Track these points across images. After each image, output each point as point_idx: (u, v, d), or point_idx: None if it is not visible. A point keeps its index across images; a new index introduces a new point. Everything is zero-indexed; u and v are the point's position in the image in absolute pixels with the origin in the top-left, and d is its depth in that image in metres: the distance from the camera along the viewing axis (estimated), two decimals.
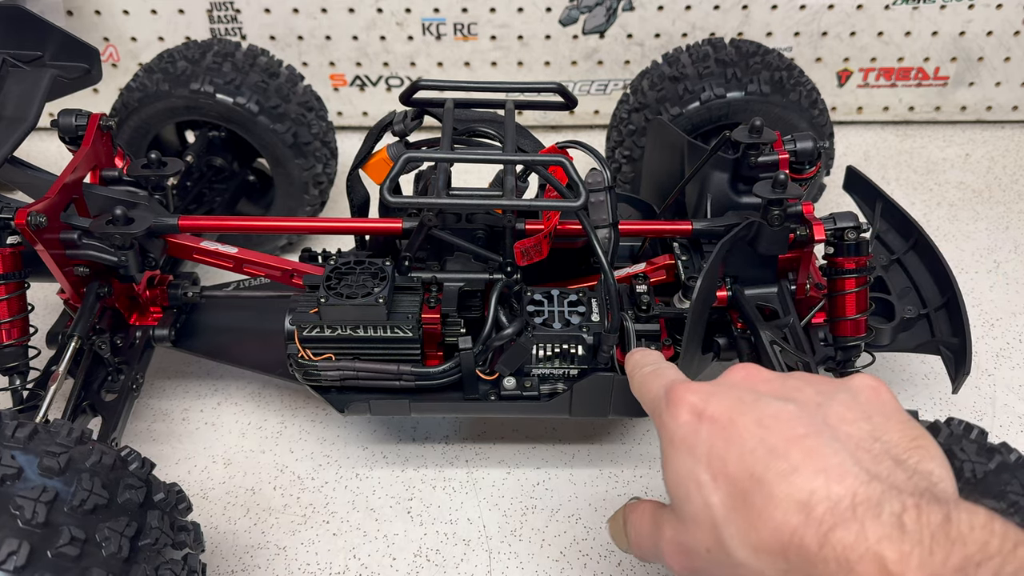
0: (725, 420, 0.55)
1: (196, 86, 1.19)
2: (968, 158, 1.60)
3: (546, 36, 1.55)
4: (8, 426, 0.69)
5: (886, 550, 0.44)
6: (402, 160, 0.85)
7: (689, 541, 0.55)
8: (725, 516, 0.52)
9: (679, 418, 0.57)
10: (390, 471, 1.04)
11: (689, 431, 0.56)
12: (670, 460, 0.57)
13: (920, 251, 1.04)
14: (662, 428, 0.59)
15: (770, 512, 0.49)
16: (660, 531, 0.59)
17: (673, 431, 0.57)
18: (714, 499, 0.53)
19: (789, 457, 0.51)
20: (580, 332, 0.89)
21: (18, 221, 0.85)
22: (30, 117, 0.97)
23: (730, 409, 0.56)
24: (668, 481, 0.58)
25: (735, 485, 0.52)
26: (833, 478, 0.49)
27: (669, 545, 0.58)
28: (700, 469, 0.54)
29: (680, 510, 0.56)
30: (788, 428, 0.53)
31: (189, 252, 1.00)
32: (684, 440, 0.56)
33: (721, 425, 0.55)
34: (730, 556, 0.52)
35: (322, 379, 0.92)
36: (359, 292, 0.88)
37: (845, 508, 0.47)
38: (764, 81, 1.19)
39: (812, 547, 0.47)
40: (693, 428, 0.56)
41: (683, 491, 0.56)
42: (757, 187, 0.92)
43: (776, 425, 0.53)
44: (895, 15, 1.53)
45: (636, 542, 0.63)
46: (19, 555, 0.60)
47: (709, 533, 0.53)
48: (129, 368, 0.99)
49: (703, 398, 0.57)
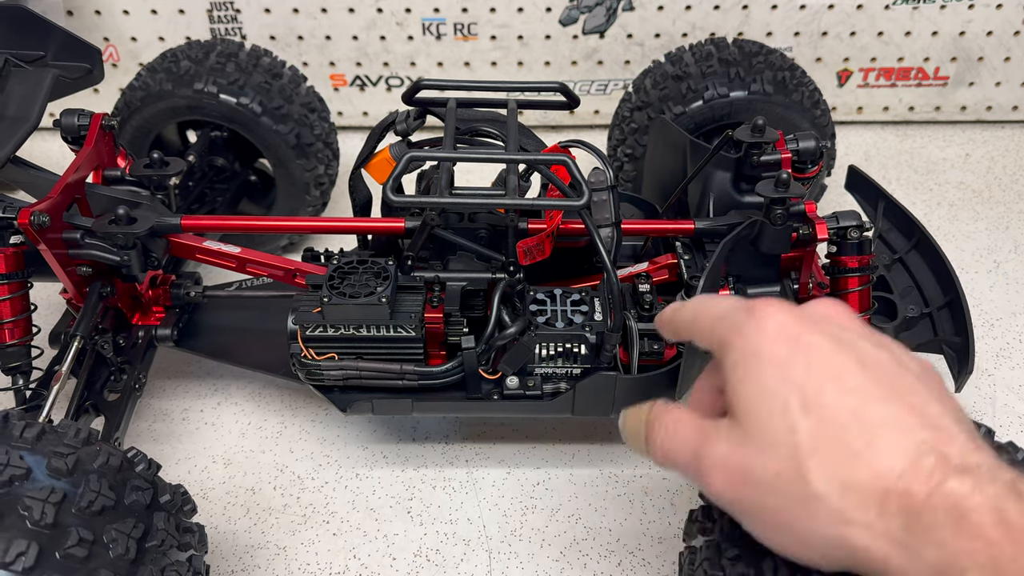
0: (824, 351, 0.53)
1: (199, 86, 1.19)
2: (968, 158, 1.60)
3: (546, 36, 1.55)
4: (16, 426, 0.69)
5: (1004, 504, 0.45)
6: (405, 160, 0.85)
7: (753, 462, 0.52)
8: (813, 446, 0.50)
9: (768, 334, 0.54)
10: (390, 471, 1.04)
11: (781, 351, 0.53)
12: (751, 375, 0.54)
13: (922, 250, 1.04)
14: (741, 339, 0.55)
15: (872, 454, 0.49)
16: (708, 445, 0.55)
17: (760, 346, 0.54)
18: (802, 426, 0.51)
19: (895, 405, 0.50)
20: (583, 331, 0.90)
21: (21, 221, 0.85)
22: (32, 117, 0.97)
23: (829, 342, 0.53)
24: (741, 398, 0.54)
25: (831, 419, 0.50)
26: (942, 438, 0.49)
27: (719, 461, 0.54)
28: (790, 392, 0.52)
29: (751, 427, 0.53)
30: (893, 377, 0.52)
31: (192, 252, 1.00)
32: (774, 359, 0.53)
33: (820, 355, 0.53)
34: (807, 487, 0.50)
35: (325, 378, 0.92)
36: (362, 292, 0.88)
37: (957, 465, 0.47)
38: (767, 81, 1.19)
39: (919, 495, 0.47)
40: (786, 350, 0.53)
41: (763, 411, 0.52)
42: (759, 186, 0.92)
43: (879, 371, 0.52)
44: (895, 15, 1.53)
45: (667, 448, 0.59)
46: (28, 556, 0.60)
47: (785, 459, 0.51)
48: (132, 368, 0.99)
49: (797, 321, 0.55)
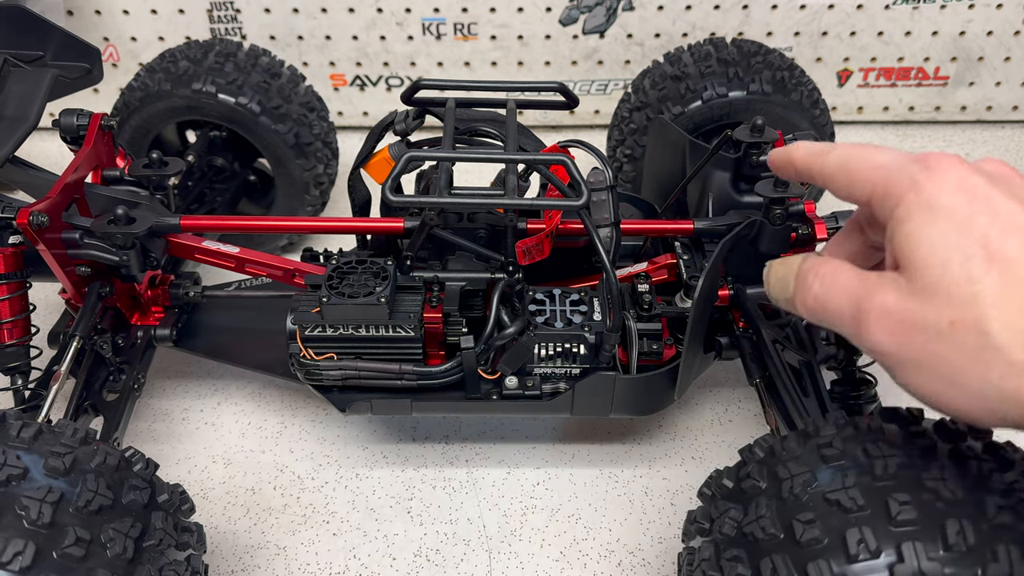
0: (1006, 206, 0.52)
1: (198, 86, 1.19)
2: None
3: (546, 36, 1.55)
4: (13, 426, 0.68)
5: None
6: (404, 159, 0.85)
7: (926, 312, 0.51)
8: (995, 297, 0.49)
9: (947, 186, 0.53)
10: (390, 471, 1.04)
11: (961, 204, 0.52)
12: (926, 226, 0.53)
13: None
14: (916, 192, 0.54)
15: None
16: (874, 294, 0.54)
17: (937, 197, 0.53)
18: (984, 277, 0.50)
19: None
20: (582, 331, 0.89)
21: (20, 221, 0.85)
22: (31, 117, 0.96)
23: (1008, 197, 0.52)
24: (914, 247, 0.53)
25: (1016, 270, 0.49)
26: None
27: (887, 312, 0.53)
28: (971, 242, 0.51)
29: (925, 278, 0.52)
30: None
31: (191, 252, 1.00)
32: (955, 212, 0.52)
33: (1002, 209, 0.52)
34: (987, 337, 0.49)
35: (324, 378, 0.92)
36: (361, 291, 0.88)
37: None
38: (766, 81, 1.19)
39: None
40: (966, 199, 0.52)
41: (937, 259, 0.51)
42: (759, 186, 0.92)
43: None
44: (895, 15, 1.53)
45: (824, 297, 0.58)
46: (25, 555, 0.60)
47: (963, 309, 0.50)
48: (130, 368, 0.99)
49: (972, 171, 0.54)
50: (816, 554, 0.58)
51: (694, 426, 1.10)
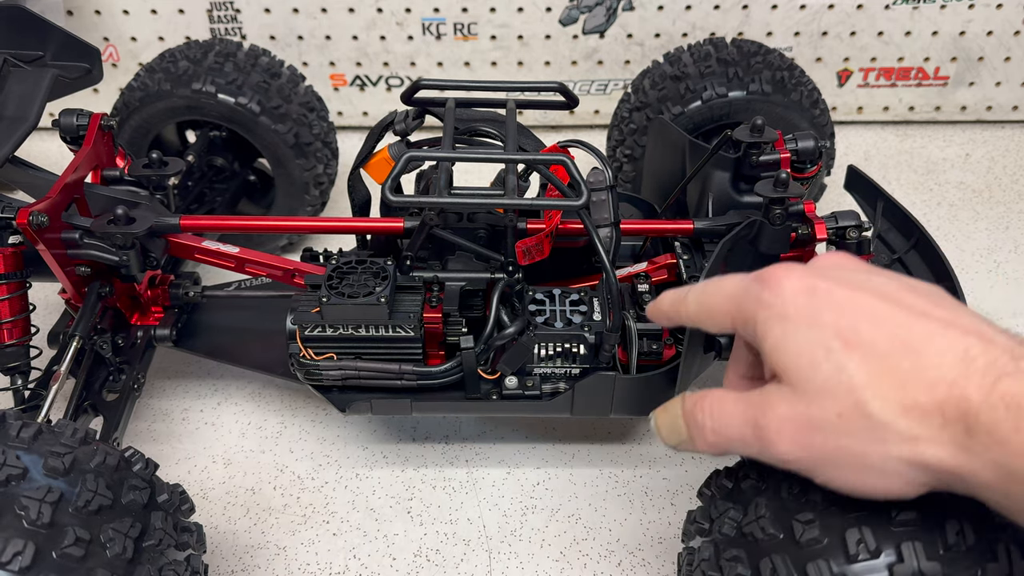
0: (844, 293, 0.55)
1: (198, 86, 1.19)
2: (968, 158, 1.60)
3: (546, 36, 1.55)
4: (13, 426, 0.68)
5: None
6: (404, 160, 0.85)
7: (814, 412, 0.54)
8: (866, 380, 0.52)
9: (787, 293, 0.56)
10: (390, 471, 1.04)
11: (803, 304, 0.56)
12: (785, 336, 0.56)
13: (921, 250, 1.04)
14: (765, 309, 0.58)
15: (922, 370, 0.50)
16: (766, 410, 0.56)
17: (784, 307, 0.56)
18: (849, 364, 0.52)
19: (930, 321, 0.52)
20: (582, 331, 0.89)
21: (20, 221, 0.85)
22: (31, 117, 0.96)
23: (844, 284, 0.56)
24: (783, 358, 0.56)
25: (873, 349, 0.52)
26: (985, 339, 0.50)
27: (782, 421, 0.55)
28: (828, 337, 0.54)
29: (802, 382, 0.54)
30: (916, 299, 0.54)
31: (190, 252, 1.00)
32: (799, 312, 0.55)
33: (841, 297, 0.55)
34: (871, 418, 0.51)
35: (324, 378, 0.92)
36: (361, 291, 0.88)
37: (1007, 363, 0.48)
38: (766, 81, 1.19)
39: (975, 397, 0.48)
40: (808, 301, 0.55)
41: (806, 362, 0.54)
42: (759, 186, 0.92)
43: (901, 297, 0.54)
44: (895, 15, 1.53)
45: (718, 429, 0.60)
46: (24, 555, 0.60)
47: (844, 399, 0.52)
48: (130, 368, 0.99)
49: (808, 274, 0.57)
50: (816, 554, 0.58)
51: None
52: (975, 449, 0.48)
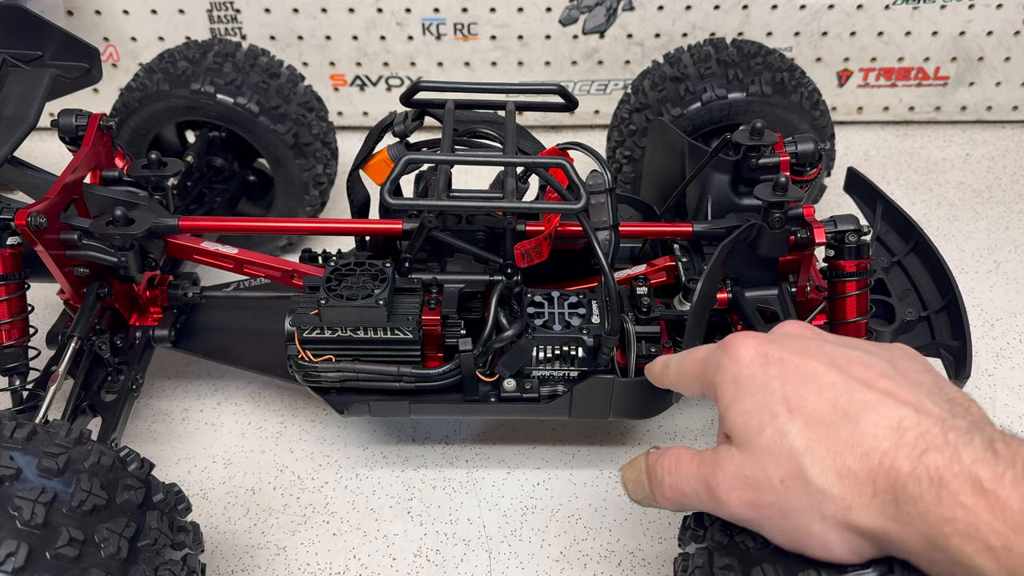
0: (795, 360, 0.57)
1: (196, 86, 1.19)
2: (968, 158, 1.60)
3: (546, 36, 1.55)
4: (7, 427, 0.68)
5: (980, 470, 0.47)
6: (402, 162, 0.85)
7: (758, 474, 0.56)
8: (805, 446, 0.54)
9: (742, 360, 0.59)
10: (390, 471, 1.04)
11: (756, 370, 0.58)
12: (736, 399, 0.59)
13: (921, 253, 1.04)
14: (722, 373, 0.61)
15: (858, 439, 0.52)
16: (715, 470, 0.59)
17: (738, 372, 0.59)
18: (791, 429, 0.55)
19: (871, 391, 0.54)
20: (580, 334, 0.89)
21: (18, 222, 0.85)
22: (30, 117, 0.96)
23: (797, 351, 0.58)
24: (733, 420, 0.59)
25: (815, 416, 0.54)
26: (921, 411, 0.52)
27: (730, 481, 0.57)
28: (774, 402, 0.56)
29: (748, 444, 0.57)
30: (863, 369, 0.56)
31: (189, 253, 1.00)
32: (752, 379, 0.58)
33: (792, 364, 0.57)
34: (809, 484, 0.53)
35: (322, 380, 0.92)
36: (359, 294, 0.88)
37: (936, 434, 0.50)
38: (765, 82, 1.19)
39: (903, 468, 0.49)
40: (760, 367, 0.58)
41: (753, 425, 0.57)
42: (758, 190, 0.92)
43: (849, 366, 0.56)
44: (895, 15, 1.53)
45: (676, 485, 0.62)
46: (18, 556, 0.60)
47: (785, 463, 0.54)
48: (129, 368, 0.99)
49: (764, 342, 0.60)
50: (807, 563, 0.58)
51: (694, 427, 1.10)
52: (902, 519, 0.49)
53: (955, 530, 0.47)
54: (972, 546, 0.46)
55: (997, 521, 0.46)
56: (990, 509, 0.46)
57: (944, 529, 0.47)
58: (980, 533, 0.46)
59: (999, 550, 0.45)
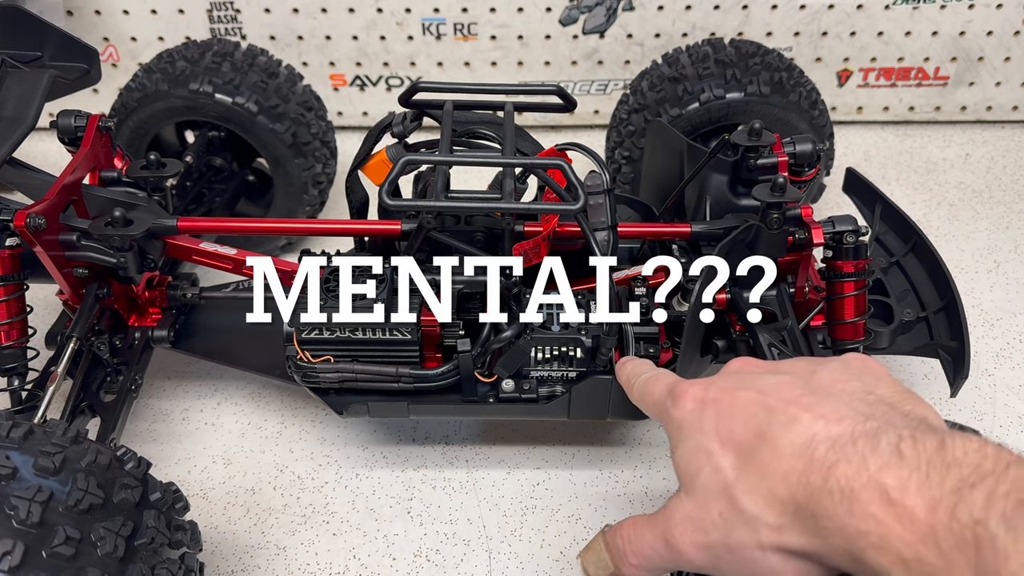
0: (728, 397, 0.58)
1: (195, 86, 1.19)
2: (968, 158, 1.60)
3: (546, 36, 1.55)
4: (3, 426, 0.69)
5: (886, 478, 0.46)
6: (401, 163, 0.85)
7: (702, 513, 0.56)
8: (735, 476, 0.54)
9: (684, 408, 0.60)
10: (390, 471, 1.05)
11: (695, 415, 0.59)
12: (678, 446, 0.60)
13: (919, 254, 1.04)
14: (669, 422, 0.62)
15: (777, 462, 0.51)
16: (668, 522, 0.58)
17: (680, 420, 0.60)
18: (724, 463, 0.55)
19: (788, 412, 0.53)
20: (578, 335, 0.89)
21: (17, 223, 0.85)
22: (29, 118, 0.96)
23: (731, 388, 0.58)
24: (678, 465, 0.59)
25: (742, 446, 0.54)
26: (832, 421, 0.51)
27: (681, 527, 0.57)
28: (708, 441, 0.56)
29: (691, 488, 0.57)
30: (786, 391, 0.55)
31: (188, 253, 1.00)
32: (691, 424, 0.59)
33: (725, 402, 0.58)
34: (743, 514, 0.53)
35: (321, 381, 0.92)
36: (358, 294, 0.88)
37: (845, 443, 0.49)
38: (763, 82, 1.19)
39: (816, 483, 0.49)
40: (698, 411, 0.59)
41: (693, 466, 0.57)
42: (756, 190, 0.92)
43: (775, 391, 0.56)
44: (895, 15, 1.52)
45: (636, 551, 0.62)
46: (14, 555, 0.60)
47: (721, 497, 0.54)
48: (128, 369, 0.99)
49: (705, 386, 0.60)
50: None
51: None
52: (823, 535, 0.49)
53: (869, 543, 0.46)
54: (886, 558, 0.45)
55: (907, 532, 0.44)
56: (899, 519, 0.45)
57: (860, 543, 0.46)
58: (892, 545, 0.45)
59: (911, 562, 0.44)
